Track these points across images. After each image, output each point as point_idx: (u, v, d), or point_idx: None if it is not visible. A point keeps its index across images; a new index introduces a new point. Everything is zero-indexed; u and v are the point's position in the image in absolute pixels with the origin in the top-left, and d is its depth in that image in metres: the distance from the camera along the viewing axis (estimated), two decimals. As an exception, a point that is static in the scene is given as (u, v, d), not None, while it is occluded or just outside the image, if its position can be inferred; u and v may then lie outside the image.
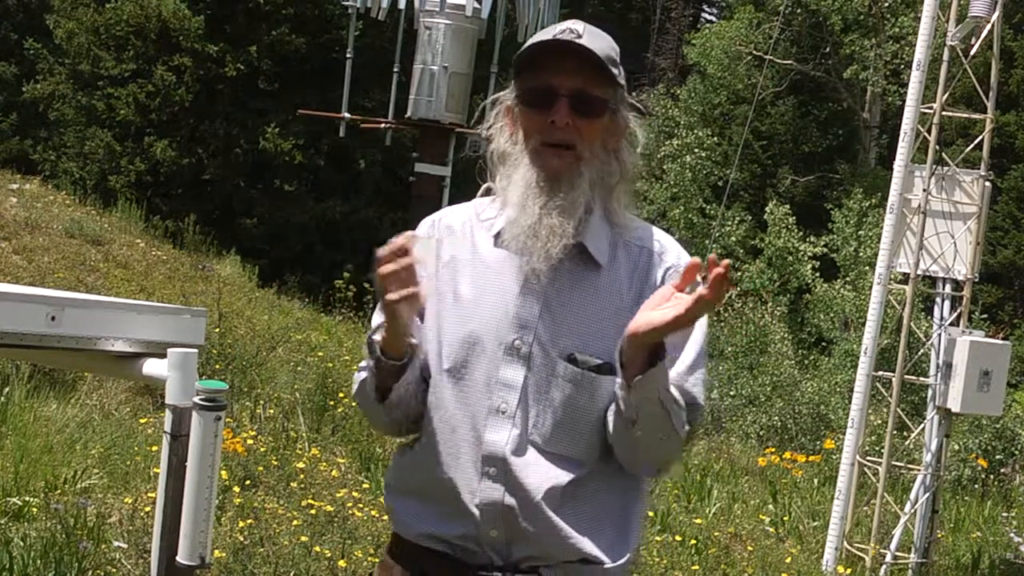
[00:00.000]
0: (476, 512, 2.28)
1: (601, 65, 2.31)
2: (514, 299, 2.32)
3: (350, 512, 5.91)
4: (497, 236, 2.36)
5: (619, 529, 2.34)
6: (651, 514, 8.04)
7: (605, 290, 2.34)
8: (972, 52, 8.71)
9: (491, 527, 2.29)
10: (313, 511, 5.86)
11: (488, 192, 2.43)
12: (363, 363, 2.39)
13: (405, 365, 2.32)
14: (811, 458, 11.60)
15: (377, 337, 2.31)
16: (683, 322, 2.14)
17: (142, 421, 7.59)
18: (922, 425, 8.86)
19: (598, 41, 2.32)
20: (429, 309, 2.38)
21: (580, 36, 2.30)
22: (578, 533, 2.29)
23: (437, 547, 2.33)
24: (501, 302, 2.33)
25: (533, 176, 2.32)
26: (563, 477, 2.28)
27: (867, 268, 19.53)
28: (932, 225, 8.54)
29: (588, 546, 2.29)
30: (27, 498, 5.79)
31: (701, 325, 2.38)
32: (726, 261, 2.10)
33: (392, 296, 2.21)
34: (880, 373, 9.00)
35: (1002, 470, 12.91)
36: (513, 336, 2.30)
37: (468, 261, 2.38)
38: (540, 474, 2.28)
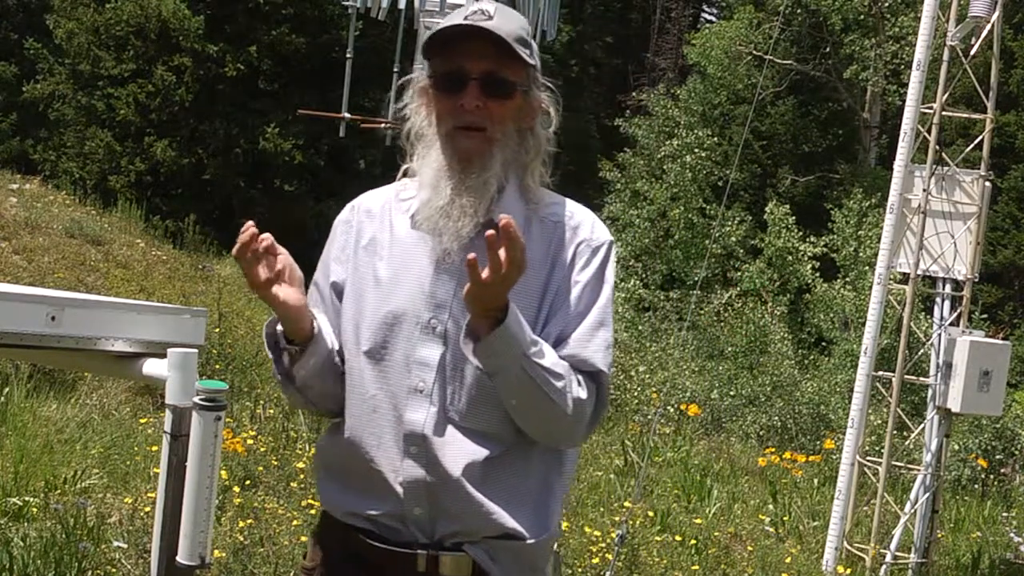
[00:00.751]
0: (400, 491, 2.32)
1: (510, 47, 2.32)
2: (430, 279, 2.36)
3: (350, 512, 5.91)
4: (413, 217, 2.39)
5: (540, 504, 2.38)
6: (651, 514, 8.04)
7: None
8: (972, 52, 8.70)
9: (415, 505, 2.32)
10: (313, 511, 5.86)
11: (407, 173, 2.47)
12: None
13: (306, 346, 2.36)
14: (811, 458, 11.60)
15: (279, 327, 2.35)
16: (486, 285, 2.16)
17: (142, 421, 7.59)
18: (922, 425, 8.85)
19: (508, 22, 2.34)
20: (347, 292, 2.43)
21: (490, 18, 2.33)
22: (500, 508, 2.32)
23: (363, 525, 2.37)
24: (417, 282, 2.36)
25: (445, 159, 2.36)
26: (481, 453, 2.32)
27: (867, 268, 19.53)
28: (932, 225, 8.53)
29: (509, 521, 2.33)
30: (27, 498, 5.79)
31: (603, 292, 2.40)
32: (503, 218, 2.12)
33: (258, 284, 2.29)
34: (880, 373, 8.99)
35: (1002, 470, 12.91)
36: (429, 315, 2.34)
37: (386, 243, 2.42)
38: (459, 451, 2.31)
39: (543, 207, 2.42)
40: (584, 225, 2.43)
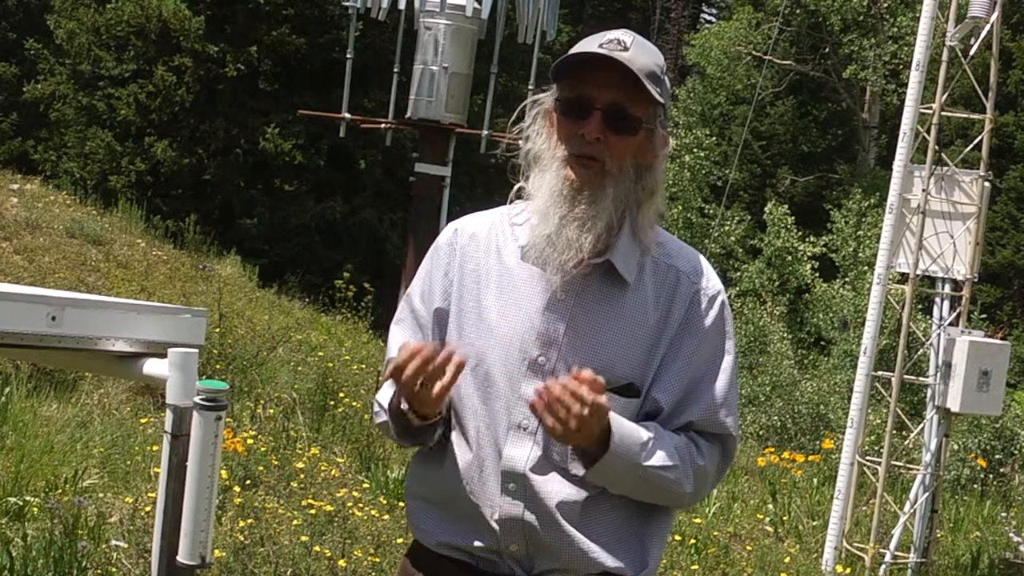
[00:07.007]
0: (496, 527, 2.29)
1: (638, 81, 2.25)
2: (539, 315, 2.30)
3: (350, 512, 5.92)
4: (523, 248, 2.34)
5: (640, 542, 2.34)
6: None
7: (631, 310, 2.31)
8: (971, 52, 8.71)
9: (511, 541, 2.29)
10: (313, 511, 5.87)
11: (519, 193, 2.41)
12: (383, 401, 2.38)
13: (438, 423, 2.32)
14: (811, 458, 11.61)
15: (404, 407, 2.28)
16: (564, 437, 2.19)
17: (142, 421, 7.58)
18: (921, 425, 8.86)
19: (643, 56, 2.27)
20: (452, 321, 2.37)
21: (626, 48, 2.25)
22: (599, 547, 2.29)
23: (458, 557, 2.33)
24: (526, 317, 2.31)
25: (558, 185, 2.30)
26: (582, 494, 2.28)
27: (866, 268, 19.54)
28: (931, 225, 8.54)
29: (609, 560, 2.30)
30: (27, 498, 5.79)
31: (729, 350, 2.37)
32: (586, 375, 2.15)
33: (434, 393, 2.20)
34: (879, 373, 9.00)
35: (1001, 470, 12.92)
36: (537, 352, 2.29)
37: (494, 272, 2.36)
38: (559, 491, 2.28)
39: (656, 249, 2.36)
40: (698, 271, 2.38)
